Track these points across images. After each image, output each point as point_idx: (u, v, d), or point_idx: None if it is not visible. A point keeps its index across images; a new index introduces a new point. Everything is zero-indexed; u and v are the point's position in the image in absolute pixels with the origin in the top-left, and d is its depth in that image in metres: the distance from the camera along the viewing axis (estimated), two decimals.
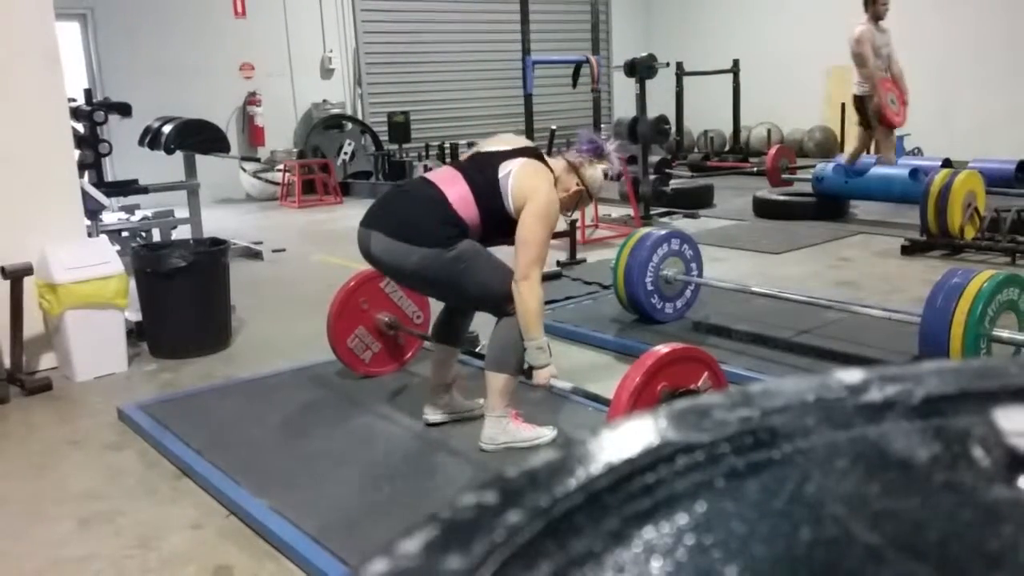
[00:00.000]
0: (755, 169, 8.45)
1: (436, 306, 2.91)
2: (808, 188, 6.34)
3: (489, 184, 2.39)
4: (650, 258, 3.62)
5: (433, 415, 2.68)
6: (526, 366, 2.43)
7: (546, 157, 2.49)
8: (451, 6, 10.03)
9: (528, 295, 2.31)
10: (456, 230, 2.35)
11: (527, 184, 2.36)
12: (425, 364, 2.96)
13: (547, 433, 2.53)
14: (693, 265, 3.77)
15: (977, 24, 8.18)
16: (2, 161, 3.36)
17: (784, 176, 7.44)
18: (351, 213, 6.72)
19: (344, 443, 2.62)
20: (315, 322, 3.25)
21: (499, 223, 2.38)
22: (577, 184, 2.47)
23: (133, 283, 3.59)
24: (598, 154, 2.48)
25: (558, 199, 2.40)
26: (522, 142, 2.55)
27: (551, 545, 0.29)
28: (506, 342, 2.43)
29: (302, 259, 5.65)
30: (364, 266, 2.67)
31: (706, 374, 2.15)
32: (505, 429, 2.48)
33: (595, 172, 2.48)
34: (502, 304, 2.40)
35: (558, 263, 4.90)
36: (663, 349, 2.11)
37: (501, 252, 2.48)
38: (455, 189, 2.38)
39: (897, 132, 7.87)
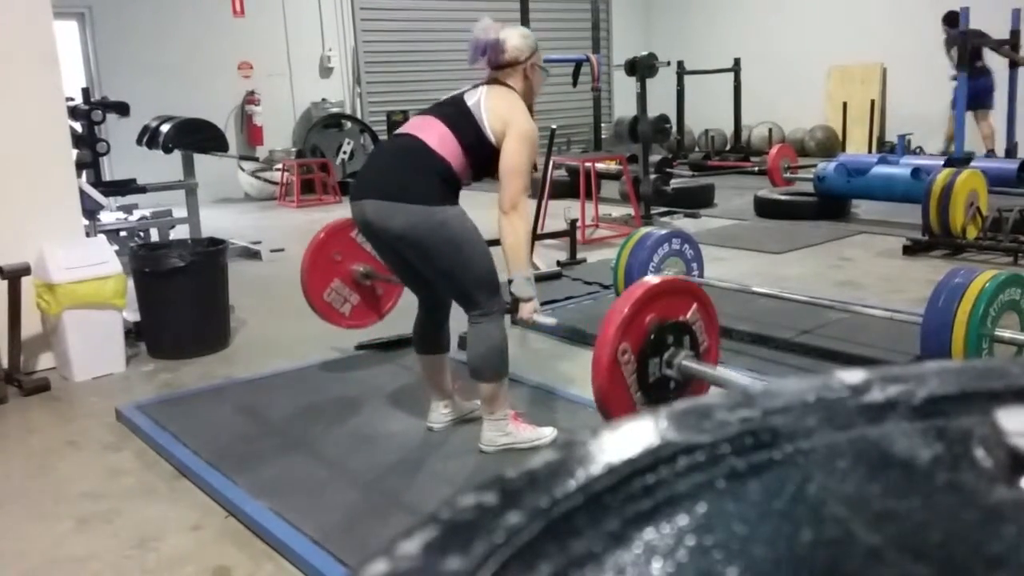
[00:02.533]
0: (756, 168, 8.45)
1: (407, 300, 2.90)
2: (809, 188, 6.34)
3: (463, 115, 2.30)
4: (650, 258, 3.62)
5: (436, 421, 2.66)
6: (511, 299, 2.36)
7: (495, 81, 2.37)
8: (451, 4, 10.02)
9: (519, 225, 2.25)
10: (442, 178, 2.25)
11: (501, 106, 2.29)
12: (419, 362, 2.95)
13: (547, 434, 2.52)
14: (694, 265, 3.77)
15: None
16: (0, 160, 3.35)
17: (785, 175, 7.44)
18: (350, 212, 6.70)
19: (343, 443, 2.62)
20: (314, 322, 3.25)
21: (483, 155, 2.30)
22: (519, 69, 2.38)
23: (131, 283, 3.59)
24: (496, 44, 2.37)
25: (532, 121, 2.33)
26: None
27: (551, 546, 0.29)
28: (483, 350, 2.38)
29: (301, 259, 5.65)
30: None
31: (695, 306, 2.12)
32: (505, 431, 2.48)
33: (513, 41, 2.37)
34: (481, 294, 2.33)
35: (558, 263, 4.90)
36: (652, 280, 2.08)
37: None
38: (432, 132, 2.29)
39: (900, 131, 7.88)
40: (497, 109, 2.30)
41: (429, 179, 2.26)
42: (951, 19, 7.65)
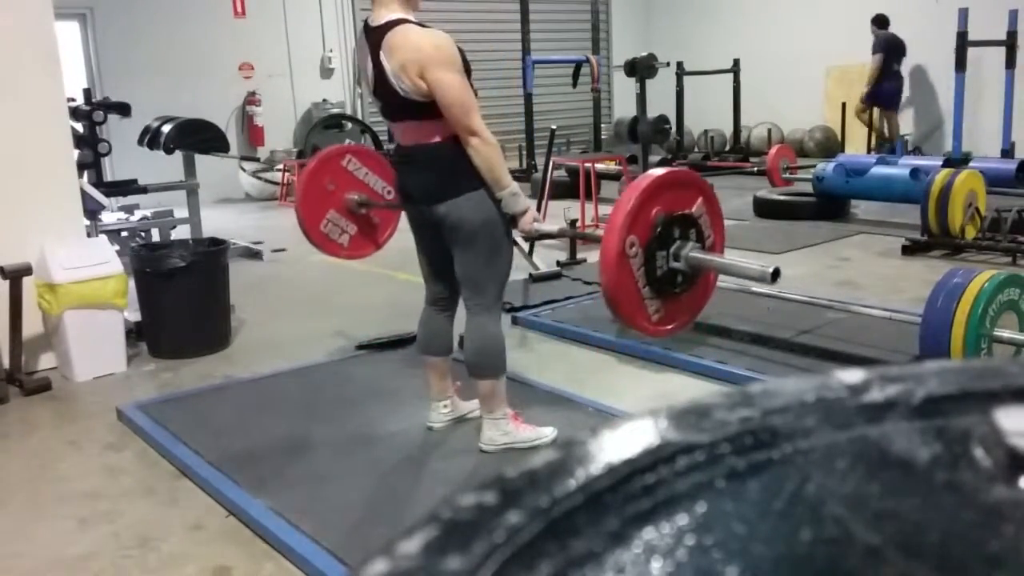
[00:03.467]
0: (755, 169, 8.44)
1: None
2: (808, 188, 6.33)
3: (394, 95, 2.18)
4: None
5: (436, 421, 2.67)
6: (507, 215, 2.28)
7: (389, 14, 2.19)
8: (451, 5, 10.02)
9: (485, 148, 2.16)
10: (463, 166, 2.19)
11: (395, 45, 2.13)
12: (419, 362, 2.95)
13: (547, 433, 2.52)
14: None
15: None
16: (1, 161, 3.35)
17: (784, 176, 7.44)
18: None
19: (344, 443, 2.62)
20: (315, 322, 3.25)
21: (432, 111, 2.14)
22: None
23: (132, 283, 3.59)
24: None
25: (442, 33, 2.19)
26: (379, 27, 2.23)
27: (551, 546, 0.29)
28: (481, 347, 2.39)
29: (302, 259, 5.65)
30: (359, 263, 2.65)
31: (700, 199, 2.10)
32: (504, 430, 2.48)
33: None
34: (490, 285, 2.33)
35: (558, 263, 4.90)
36: (658, 171, 2.06)
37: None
38: (411, 129, 2.25)
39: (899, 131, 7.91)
40: (396, 57, 2.13)
41: (451, 171, 2.22)
42: (880, 21, 7.93)
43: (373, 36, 2.24)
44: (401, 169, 2.42)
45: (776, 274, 2.31)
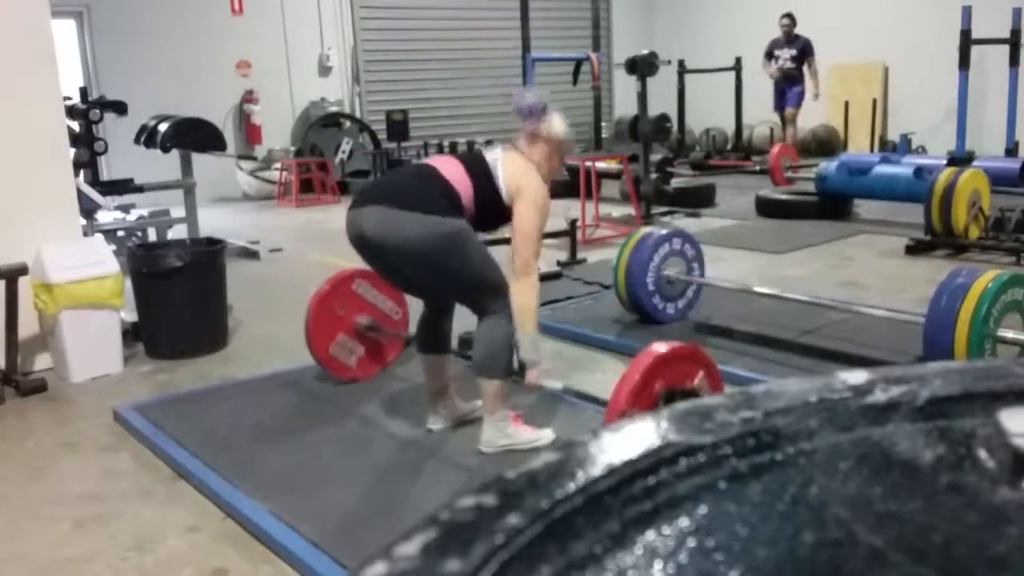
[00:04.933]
0: (757, 168, 8.45)
1: (414, 307, 2.89)
2: (811, 187, 6.33)
3: (480, 165, 2.43)
4: (651, 258, 3.62)
5: (435, 423, 2.66)
6: (518, 364, 2.43)
7: (515, 149, 2.51)
8: (451, 3, 10.02)
9: (531, 290, 2.34)
10: (451, 203, 2.34)
11: (516, 168, 2.41)
12: (418, 365, 2.95)
13: (547, 435, 2.52)
14: (695, 265, 3.77)
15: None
16: None
17: (787, 175, 7.44)
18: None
19: (342, 444, 2.62)
20: None
21: (492, 205, 2.39)
22: (546, 145, 2.48)
23: (129, 283, 3.58)
24: (538, 113, 2.49)
25: (546, 188, 2.44)
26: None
27: (551, 548, 0.28)
28: (492, 345, 2.40)
29: (299, 259, 5.64)
30: (360, 263, 2.65)
31: (702, 372, 2.15)
32: (504, 432, 2.47)
33: (553, 123, 2.50)
34: (487, 297, 2.37)
35: (558, 263, 4.89)
36: (661, 347, 2.11)
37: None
38: (449, 167, 2.42)
39: (902, 130, 7.90)
40: (513, 170, 2.41)
41: (437, 198, 2.35)
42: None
43: (513, 146, 2.53)
44: (391, 174, 2.65)
45: None
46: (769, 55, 8.55)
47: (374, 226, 2.33)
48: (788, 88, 8.50)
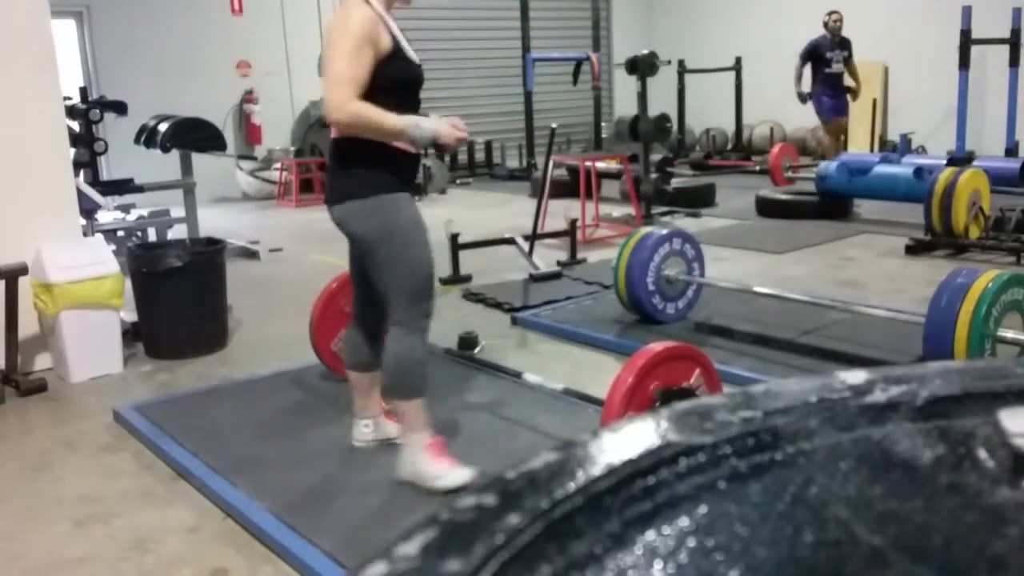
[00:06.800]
0: (757, 168, 8.45)
1: None
2: (811, 187, 6.33)
3: None
4: (651, 258, 3.62)
5: (359, 439, 2.50)
6: (428, 143, 2.07)
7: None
8: (451, 3, 10.01)
9: (355, 114, 1.99)
10: (355, 167, 2.08)
11: (332, 29, 2.07)
12: None
13: (459, 476, 2.17)
14: (695, 265, 3.77)
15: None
16: None
17: (787, 175, 7.44)
18: None
19: (342, 445, 2.61)
20: None
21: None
22: None
23: (129, 283, 3.58)
24: None
25: (363, 14, 2.03)
26: None
27: (551, 548, 0.28)
28: (397, 364, 2.16)
29: (299, 258, 5.64)
30: None
31: (697, 371, 2.14)
32: (416, 458, 2.21)
33: None
34: (395, 298, 2.12)
35: (558, 263, 4.89)
36: (655, 348, 2.11)
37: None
38: None
39: (902, 130, 7.89)
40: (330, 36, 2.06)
41: (344, 171, 2.13)
42: None
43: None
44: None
45: None
46: (815, 58, 7.32)
47: (337, 226, 2.19)
48: (841, 94, 7.45)
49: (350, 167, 2.14)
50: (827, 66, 7.34)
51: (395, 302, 2.14)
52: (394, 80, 2.09)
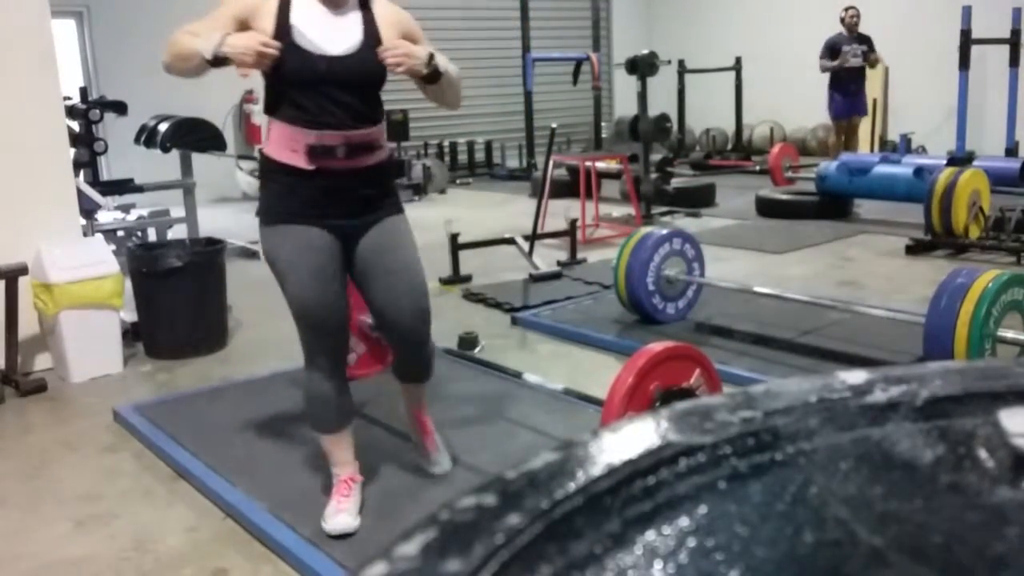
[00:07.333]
0: (758, 168, 8.45)
1: None
2: (811, 187, 6.34)
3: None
4: (651, 258, 3.62)
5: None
6: (219, 56, 1.93)
7: None
8: (451, 3, 10.01)
9: (167, 47, 1.94)
10: (263, 186, 2.01)
11: None
12: None
13: (335, 524, 2.05)
14: (695, 265, 3.77)
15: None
16: None
17: (787, 175, 7.44)
18: None
19: None
20: None
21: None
22: None
23: (129, 283, 3.58)
24: None
25: None
26: None
27: (551, 548, 0.28)
28: (303, 396, 2.12)
29: None
30: None
31: (698, 371, 2.14)
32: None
33: None
34: (299, 333, 2.05)
35: (558, 263, 4.90)
36: (655, 348, 2.11)
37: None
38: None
39: (902, 130, 7.89)
40: None
41: (262, 191, 2.04)
42: None
43: None
44: None
45: None
46: (834, 52, 7.21)
47: None
48: (859, 91, 7.28)
49: (261, 186, 2.06)
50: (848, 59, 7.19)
51: (297, 327, 2.08)
52: (282, 71, 1.95)
